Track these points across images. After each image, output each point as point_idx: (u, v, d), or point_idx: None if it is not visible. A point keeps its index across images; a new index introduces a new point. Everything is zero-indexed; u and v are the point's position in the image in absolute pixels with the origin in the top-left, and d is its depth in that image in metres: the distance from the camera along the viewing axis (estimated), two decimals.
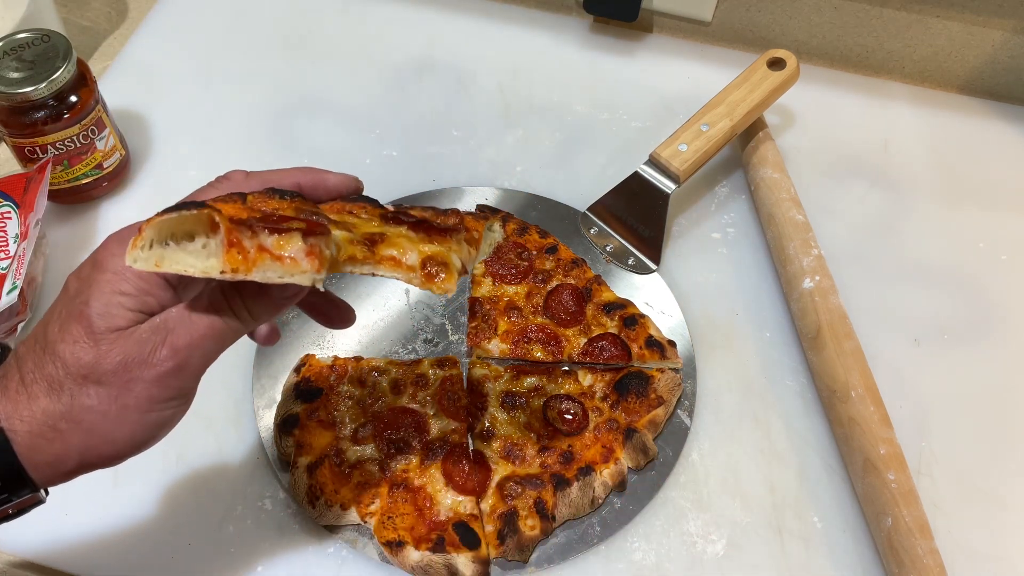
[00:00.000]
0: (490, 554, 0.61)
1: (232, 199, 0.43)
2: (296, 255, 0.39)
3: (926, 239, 0.82)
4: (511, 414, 0.67)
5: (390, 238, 0.44)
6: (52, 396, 0.42)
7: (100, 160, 0.78)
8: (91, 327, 0.41)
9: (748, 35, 0.97)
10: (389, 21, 0.99)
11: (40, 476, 0.43)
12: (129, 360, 0.41)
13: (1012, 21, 0.88)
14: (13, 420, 0.41)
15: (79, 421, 0.42)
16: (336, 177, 0.49)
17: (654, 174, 0.79)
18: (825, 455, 0.68)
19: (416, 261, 0.43)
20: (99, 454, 0.43)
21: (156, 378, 0.42)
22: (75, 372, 0.41)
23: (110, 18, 1.01)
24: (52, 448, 0.42)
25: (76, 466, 0.43)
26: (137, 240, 0.40)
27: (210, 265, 0.39)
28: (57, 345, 0.42)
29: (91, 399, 0.42)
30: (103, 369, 0.41)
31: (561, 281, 0.75)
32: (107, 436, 0.42)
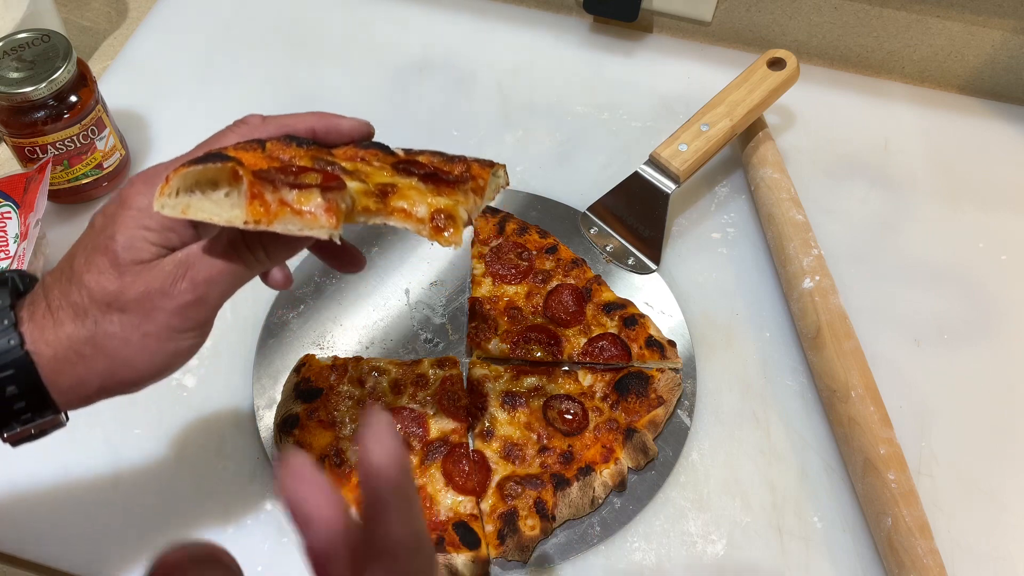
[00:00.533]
0: (490, 554, 0.61)
1: (252, 147, 0.45)
2: (315, 210, 0.41)
3: (926, 239, 0.82)
4: (511, 414, 0.67)
5: (401, 189, 0.45)
6: (77, 322, 0.44)
7: (100, 160, 0.78)
8: (116, 259, 0.43)
9: (748, 35, 0.97)
10: (389, 21, 0.99)
11: (62, 399, 0.45)
12: (151, 291, 0.43)
13: (1012, 21, 0.88)
14: (39, 344, 0.43)
15: (102, 346, 0.44)
16: (349, 122, 0.50)
17: (654, 174, 0.79)
18: (825, 455, 0.68)
19: (425, 214, 0.45)
20: (120, 379, 0.45)
21: (176, 309, 0.44)
22: (100, 300, 0.43)
23: (110, 18, 1.01)
24: (75, 371, 0.44)
25: (97, 390, 0.45)
26: (164, 188, 0.42)
27: (234, 216, 0.41)
28: (83, 275, 0.44)
29: (114, 326, 0.44)
30: (126, 298, 0.43)
31: (561, 281, 0.75)
32: (128, 361, 0.44)
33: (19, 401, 0.44)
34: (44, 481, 0.65)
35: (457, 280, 0.77)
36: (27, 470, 0.65)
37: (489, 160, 0.53)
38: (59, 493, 0.64)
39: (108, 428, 0.67)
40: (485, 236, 0.78)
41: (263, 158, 0.44)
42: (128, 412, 0.68)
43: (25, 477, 0.65)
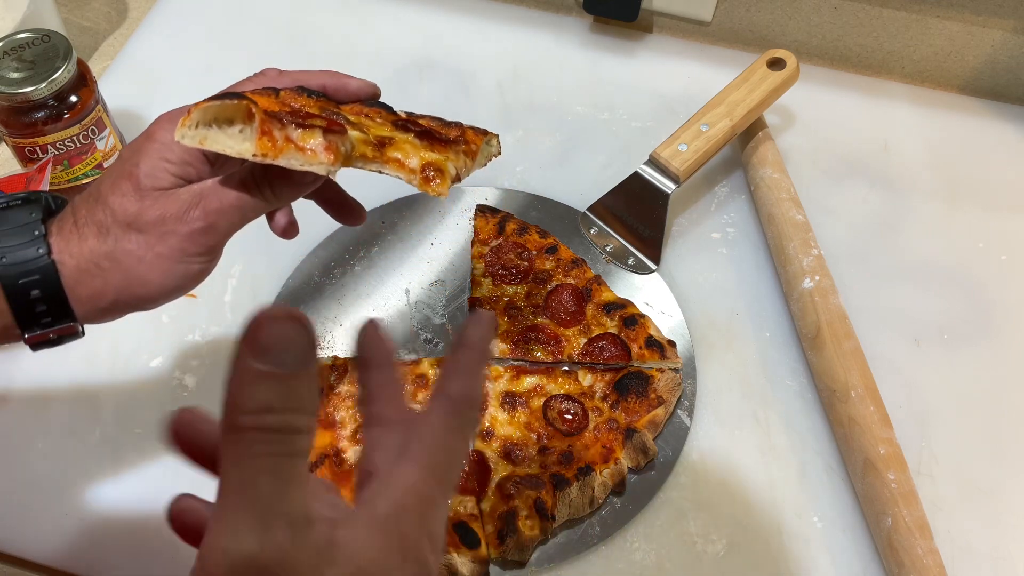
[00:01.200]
0: (490, 554, 0.61)
1: (267, 93, 0.49)
2: (316, 148, 0.45)
3: (926, 239, 0.82)
4: (511, 414, 0.67)
5: (397, 142, 0.49)
6: (99, 238, 0.48)
7: (100, 160, 0.78)
8: (139, 184, 0.48)
9: (748, 35, 0.97)
10: (389, 21, 0.99)
11: (81, 308, 0.49)
12: (167, 215, 0.48)
13: (1012, 21, 0.88)
14: (64, 255, 0.48)
15: (119, 261, 0.48)
16: (357, 82, 0.55)
17: (654, 174, 0.79)
18: (825, 455, 0.68)
19: (417, 165, 0.49)
20: (132, 294, 0.49)
21: (188, 234, 0.48)
22: (121, 220, 0.48)
23: (110, 18, 1.01)
24: (93, 282, 0.48)
25: (112, 302, 0.49)
26: (186, 120, 0.47)
27: (244, 148, 0.45)
28: (108, 197, 0.48)
29: (131, 244, 0.48)
30: (144, 219, 0.48)
31: (561, 281, 0.75)
32: (141, 278, 0.49)
33: (41, 304, 0.48)
34: (44, 481, 0.65)
35: (457, 280, 0.77)
36: (27, 470, 0.65)
37: (484, 129, 0.57)
38: (59, 493, 0.64)
39: (108, 428, 0.67)
40: (485, 236, 0.78)
41: (276, 103, 0.48)
42: (128, 412, 0.68)
43: (25, 477, 0.65)
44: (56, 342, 0.50)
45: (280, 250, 0.75)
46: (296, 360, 0.29)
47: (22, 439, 0.67)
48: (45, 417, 0.68)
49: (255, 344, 0.29)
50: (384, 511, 0.34)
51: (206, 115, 0.47)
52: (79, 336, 0.51)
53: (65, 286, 0.48)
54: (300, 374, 0.30)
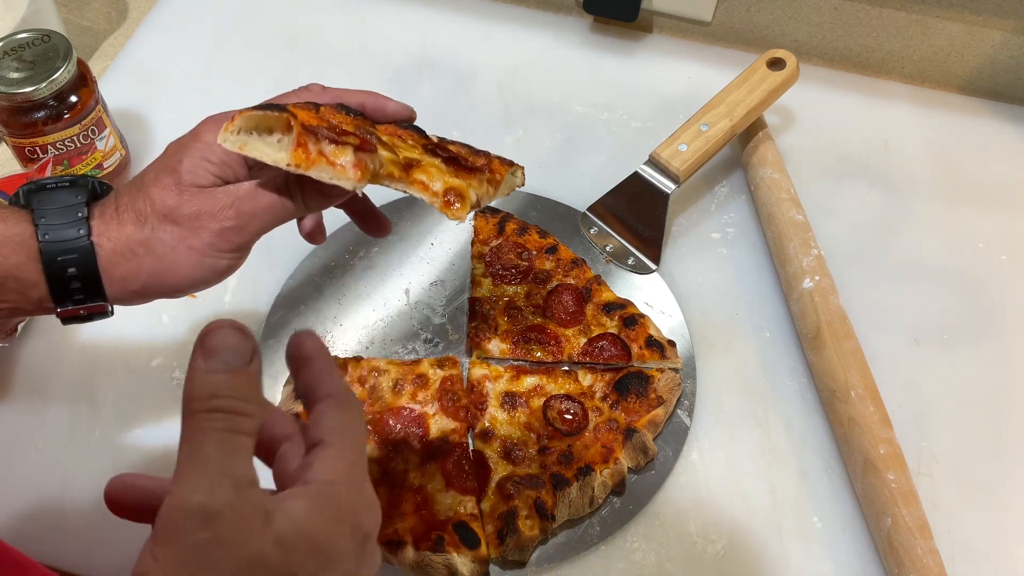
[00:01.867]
0: (490, 554, 0.61)
1: (308, 107, 0.52)
2: (346, 164, 0.47)
3: (926, 239, 0.82)
4: (511, 414, 0.67)
5: (424, 165, 0.52)
6: (137, 225, 0.51)
7: (100, 160, 0.78)
8: (179, 179, 0.51)
9: (748, 35, 0.97)
10: (389, 21, 0.99)
11: (112, 289, 0.52)
12: (202, 211, 0.51)
13: (1012, 21, 0.88)
14: (102, 237, 0.51)
15: (153, 249, 0.51)
16: (394, 105, 0.58)
17: (654, 174, 0.79)
18: (825, 455, 0.68)
19: (440, 189, 0.51)
20: (162, 280, 0.52)
21: (219, 230, 0.51)
22: (159, 210, 0.51)
23: (110, 18, 1.01)
24: (127, 265, 0.51)
25: (142, 287, 0.52)
26: (229, 125, 0.49)
27: (280, 157, 0.48)
28: (150, 188, 0.51)
29: (166, 234, 0.51)
30: (181, 212, 0.51)
31: (561, 281, 0.75)
32: (171, 267, 0.51)
33: (76, 282, 0.50)
34: (44, 481, 0.65)
35: (457, 280, 0.77)
36: (28, 470, 0.65)
37: (511, 160, 0.59)
38: (59, 493, 0.64)
39: (108, 428, 0.67)
40: (485, 236, 0.78)
41: (315, 117, 0.51)
42: (128, 411, 0.68)
43: (26, 477, 0.65)
44: (86, 318, 0.53)
45: (280, 250, 0.75)
46: (238, 360, 0.36)
47: (22, 439, 0.67)
48: (45, 417, 0.68)
49: (204, 349, 0.36)
50: (320, 479, 0.39)
51: (248, 123, 0.49)
52: (108, 315, 0.53)
53: (100, 267, 0.51)
54: (242, 371, 0.37)
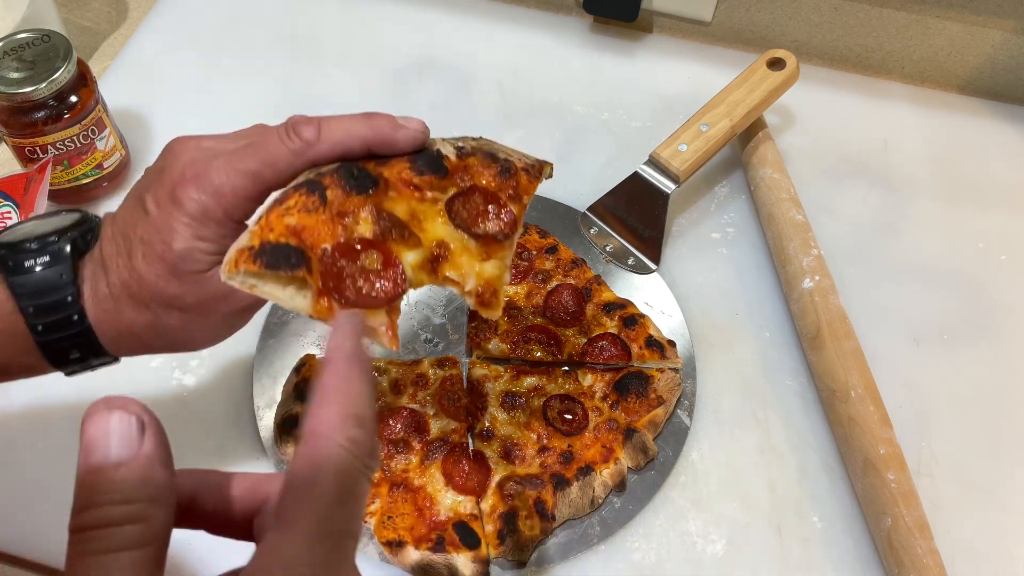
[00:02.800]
0: (490, 554, 0.61)
1: (313, 203, 0.45)
2: (378, 327, 0.43)
3: (926, 239, 0.82)
4: (511, 414, 0.67)
5: (453, 255, 0.47)
6: (138, 311, 0.47)
7: (100, 160, 0.78)
8: (176, 269, 0.46)
9: (748, 35, 0.97)
10: (389, 21, 0.99)
11: (120, 352, 0.50)
12: (209, 297, 0.47)
13: (1012, 21, 0.88)
14: (103, 325, 0.47)
15: (162, 333, 0.47)
16: (403, 136, 0.48)
17: (654, 174, 0.79)
18: (825, 455, 0.68)
19: (473, 287, 0.47)
20: (176, 350, 0.50)
21: (233, 311, 0.48)
22: (160, 300, 0.46)
23: (110, 18, 1.01)
24: (135, 346, 0.48)
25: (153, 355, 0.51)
26: (231, 269, 0.43)
27: (300, 305, 0.43)
28: (143, 273, 0.46)
29: (174, 320, 0.47)
30: (186, 302, 0.46)
31: (561, 281, 0.75)
32: (187, 344, 0.49)
33: (75, 351, 0.48)
34: (44, 481, 0.65)
35: None
36: (27, 470, 0.65)
37: (538, 165, 0.54)
38: (59, 493, 0.64)
39: None
40: None
41: (325, 222, 0.44)
42: None
43: (25, 477, 0.65)
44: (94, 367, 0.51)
45: None
46: (123, 448, 0.31)
47: (22, 439, 0.67)
48: (45, 417, 0.68)
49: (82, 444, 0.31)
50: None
51: (254, 275, 0.44)
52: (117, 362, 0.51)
53: (105, 346, 0.48)
54: (126, 463, 0.31)
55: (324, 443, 0.32)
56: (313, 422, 0.33)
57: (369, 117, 0.47)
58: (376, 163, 0.48)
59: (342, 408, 0.33)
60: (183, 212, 0.45)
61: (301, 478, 0.32)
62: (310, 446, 0.32)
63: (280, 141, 0.47)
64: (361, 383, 0.34)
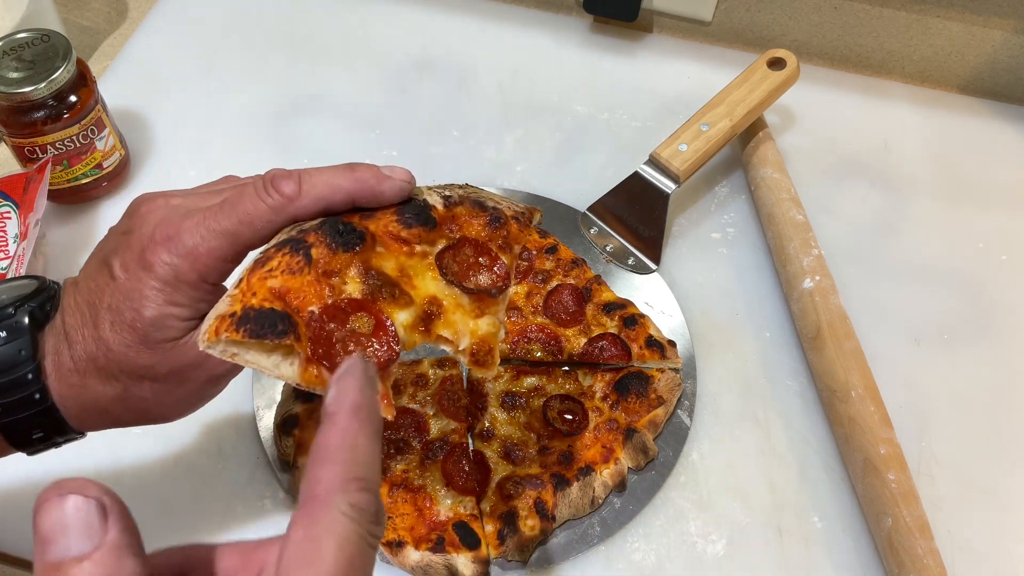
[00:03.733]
0: (490, 554, 0.61)
1: (298, 264, 0.42)
2: None
3: (926, 239, 0.82)
4: (511, 414, 0.67)
5: (446, 312, 0.45)
6: (106, 384, 0.44)
7: (100, 160, 0.78)
8: (147, 338, 0.43)
9: (748, 35, 0.97)
10: (389, 21, 0.99)
11: (86, 429, 0.47)
12: (183, 366, 0.44)
13: (1012, 21, 0.88)
14: (67, 400, 0.44)
15: (132, 406, 0.44)
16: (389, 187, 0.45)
17: (654, 174, 0.79)
18: (825, 455, 0.68)
19: (467, 346, 0.46)
20: (146, 423, 0.47)
21: (208, 378, 0.45)
22: (130, 371, 0.43)
23: (110, 18, 1.01)
24: (103, 421, 0.45)
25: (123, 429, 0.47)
26: (212, 338, 0.40)
27: (287, 374, 0.41)
28: (111, 343, 0.43)
29: (145, 391, 0.44)
30: (158, 372, 0.43)
31: (561, 281, 0.75)
32: (159, 417, 0.46)
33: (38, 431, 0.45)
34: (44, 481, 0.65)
35: None
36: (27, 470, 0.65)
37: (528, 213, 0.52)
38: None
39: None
40: None
41: (312, 282, 0.42)
42: None
43: (25, 477, 0.65)
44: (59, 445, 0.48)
45: None
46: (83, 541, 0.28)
47: None
48: None
49: (37, 538, 0.28)
50: None
51: (237, 344, 0.41)
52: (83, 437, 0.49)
53: (69, 424, 0.45)
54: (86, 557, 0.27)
55: (324, 511, 0.29)
56: (312, 485, 0.29)
57: (352, 169, 0.45)
58: (361, 216, 0.46)
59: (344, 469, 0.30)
60: (154, 277, 0.42)
61: (300, 553, 0.28)
62: (309, 513, 0.29)
63: (258, 197, 0.44)
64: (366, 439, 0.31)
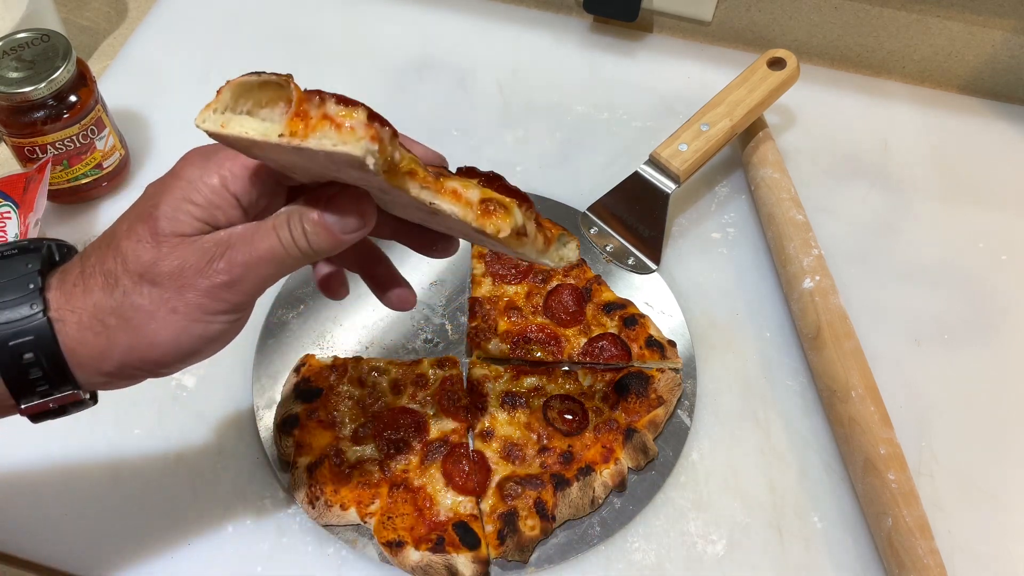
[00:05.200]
0: (490, 554, 0.61)
1: None
2: (355, 125, 0.37)
3: (926, 239, 0.82)
4: (511, 414, 0.67)
5: (456, 178, 0.43)
6: (106, 290, 0.42)
7: (100, 160, 0.78)
8: (156, 228, 0.42)
9: (748, 35, 0.97)
10: (389, 21, 0.99)
11: (82, 372, 0.43)
12: (186, 266, 0.42)
13: (1012, 21, 0.88)
14: (64, 311, 0.42)
15: (127, 318, 0.42)
16: (420, 148, 0.46)
17: (654, 174, 0.79)
18: (825, 455, 0.68)
19: (476, 198, 0.42)
20: (141, 356, 0.43)
21: (208, 289, 0.42)
22: (133, 269, 0.42)
23: (110, 18, 1.01)
24: (97, 342, 0.42)
25: (118, 366, 0.43)
26: (214, 102, 0.40)
27: (270, 129, 0.39)
28: (121, 241, 0.43)
29: (143, 298, 0.42)
30: (160, 270, 0.42)
31: (561, 281, 0.75)
32: (152, 338, 0.43)
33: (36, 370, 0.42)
34: (44, 481, 0.65)
35: (457, 280, 0.77)
36: (27, 470, 0.65)
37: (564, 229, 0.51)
38: (59, 493, 0.64)
39: (108, 428, 0.67)
40: None
41: None
42: (128, 412, 0.68)
43: (25, 477, 0.65)
44: (59, 412, 0.45)
45: None
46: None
47: (22, 440, 0.67)
48: None
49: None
50: None
51: (239, 91, 0.40)
52: (86, 405, 0.46)
53: (64, 347, 0.42)
54: None
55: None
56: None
57: None
58: None
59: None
60: (180, 177, 0.43)
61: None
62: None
63: None
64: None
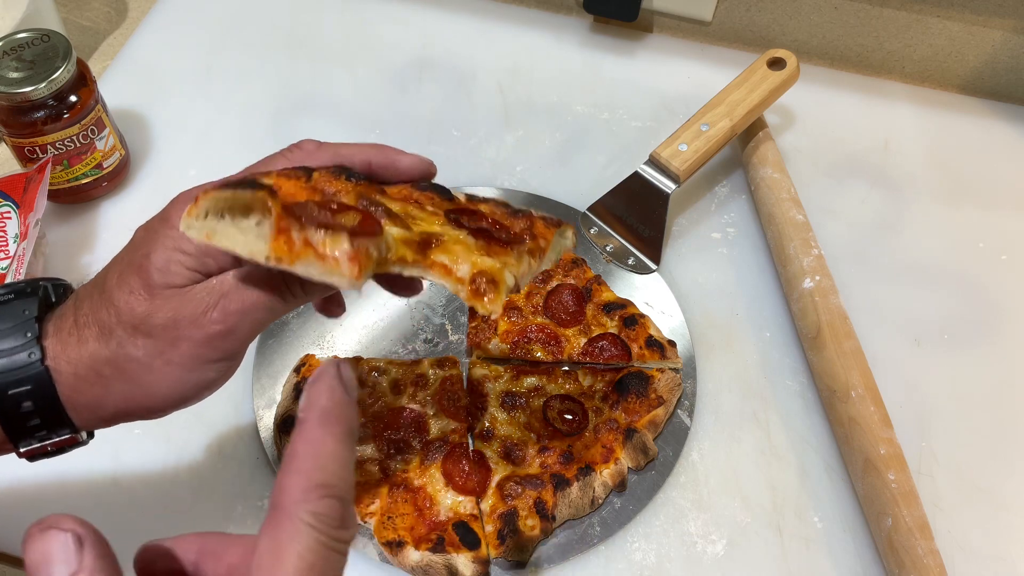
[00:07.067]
0: (490, 554, 0.61)
1: (297, 175, 0.42)
2: (340, 256, 0.37)
3: (926, 239, 0.82)
4: (511, 414, 0.67)
5: (446, 243, 0.42)
6: (101, 341, 0.43)
7: (100, 160, 0.78)
8: (149, 280, 0.42)
9: (748, 35, 0.97)
10: (389, 21, 0.99)
11: (79, 418, 0.44)
12: (180, 318, 0.42)
13: (1012, 21, 0.88)
14: (60, 360, 0.43)
15: (123, 369, 0.43)
16: (408, 159, 0.47)
17: (654, 174, 0.79)
18: (825, 455, 0.68)
19: (467, 274, 0.41)
20: (137, 404, 0.44)
21: (204, 339, 0.43)
22: (127, 321, 0.42)
23: (110, 18, 1.01)
24: (93, 391, 0.43)
25: (113, 413, 0.44)
26: (193, 209, 0.40)
27: (257, 249, 0.38)
28: (114, 293, 0.43)
29: (138, 350, 0.43)
30: (154, 322, 0.42)
31: (561, 281, 0.75)
32: (148, 388, 0.43)
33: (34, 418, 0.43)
34: (44, 481, 0.65)
35: None
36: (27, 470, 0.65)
37: (556, 219, 0.49)
38: (59, 493, 0.64)
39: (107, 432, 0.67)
40: None
41: (305, 188, 0.41)
42: None
43: (25, 477, 0.65)
44: (55, 453, 0.46)
45: None
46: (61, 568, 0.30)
47: None
48: None
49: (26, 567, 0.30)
50: None
51: (217, 204, 0.40)
52: (82, 444, 0.47)
53: (61, 395, 0.43)
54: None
55: (287, 520, 0.31)
56: (277, 494, 0.31)
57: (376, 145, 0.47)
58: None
59: (307, 478, 0.31)
60: (170, 225, 0.43)
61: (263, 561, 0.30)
62: (274, 522, 0.31)
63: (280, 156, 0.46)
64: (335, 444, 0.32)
